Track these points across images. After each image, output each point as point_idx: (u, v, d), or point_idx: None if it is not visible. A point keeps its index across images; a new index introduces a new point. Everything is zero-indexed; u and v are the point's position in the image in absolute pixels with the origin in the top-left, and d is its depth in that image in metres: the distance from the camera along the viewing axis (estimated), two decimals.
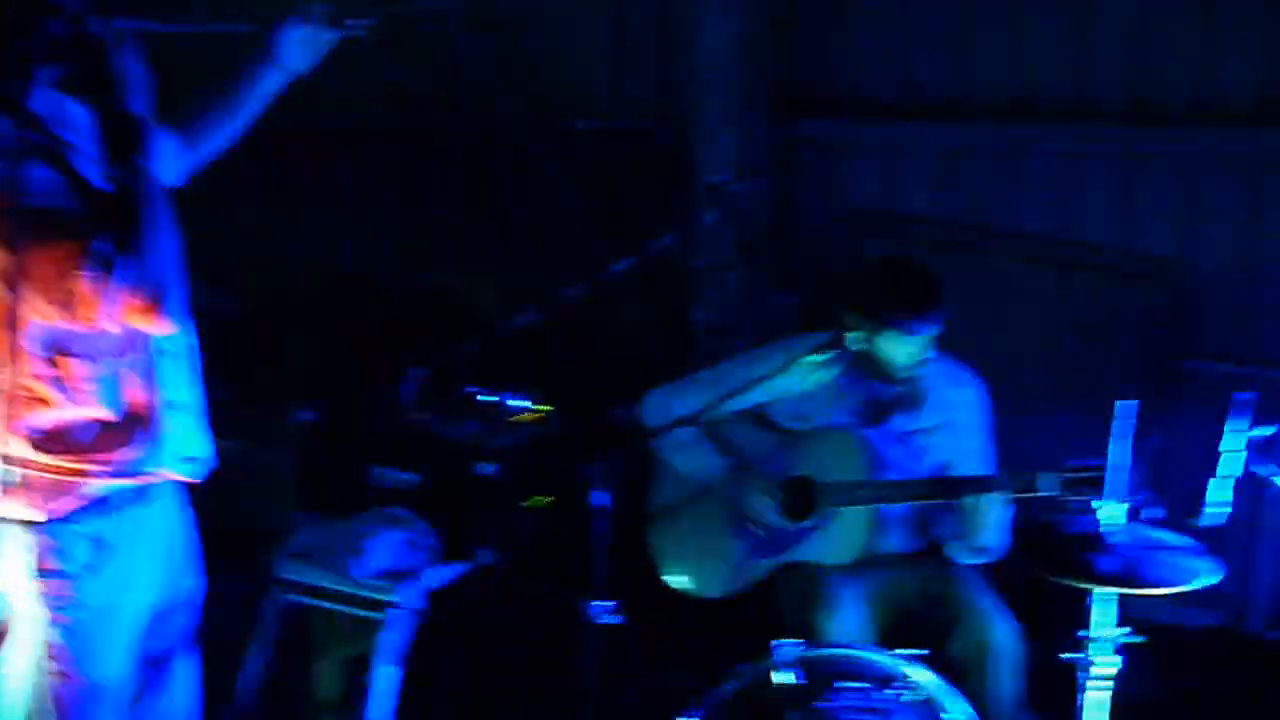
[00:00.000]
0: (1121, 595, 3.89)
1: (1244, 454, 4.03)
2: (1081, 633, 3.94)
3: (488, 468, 5.22)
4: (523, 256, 6.96)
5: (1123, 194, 5.92)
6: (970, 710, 4.05)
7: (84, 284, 3.14)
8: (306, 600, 5.08)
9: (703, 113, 6.52)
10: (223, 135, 3.86)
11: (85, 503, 3.40)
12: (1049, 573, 3.81)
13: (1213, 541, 4.02)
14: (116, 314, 3.20)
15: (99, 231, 3.13)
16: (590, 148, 6.97)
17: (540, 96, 7.11)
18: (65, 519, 3.38)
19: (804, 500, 4.74)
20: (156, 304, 3.21)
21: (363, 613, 4.98)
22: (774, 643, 4.07)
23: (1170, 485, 4.13)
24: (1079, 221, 6.03)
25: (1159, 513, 4.01)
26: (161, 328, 3.31)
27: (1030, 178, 6.12)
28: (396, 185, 7.31)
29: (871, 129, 6.51)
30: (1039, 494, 4.32)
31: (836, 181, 6.62)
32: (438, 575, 5.09)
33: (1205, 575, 3.80)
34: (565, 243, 6.85)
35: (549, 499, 4.49)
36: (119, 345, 3.35)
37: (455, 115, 7.17)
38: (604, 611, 4.20)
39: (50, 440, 3.34)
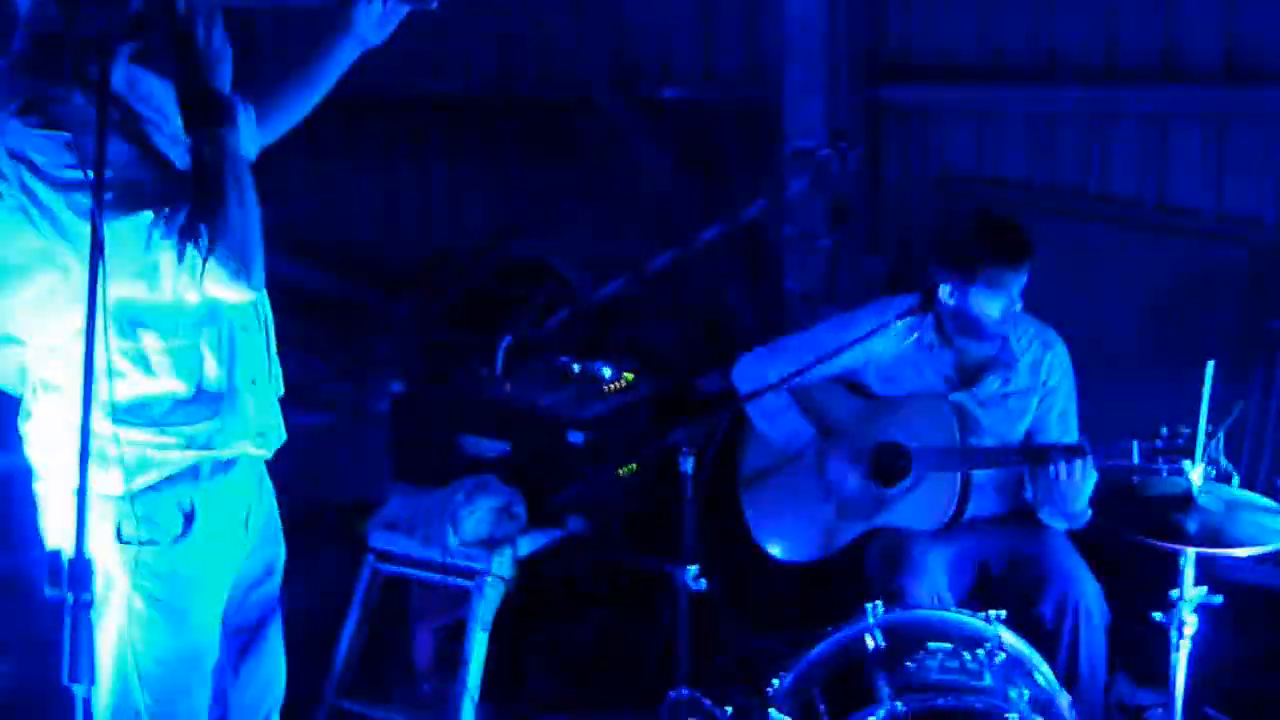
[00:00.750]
0: (1208, 556, 3.87)
1: None
2: (1171, 593, 3.92)
3: (577, 436, 5.22)
4: (612, 225, 6.98)
5: (1211, 155, 5.84)
6: (1057, 672, 4.07)
7: (165, 257, 3.18)
8: (401, 570, 5.12)
9: (790, 79, 6.49)
10: (299, 108, 3.85)
11: (166, 475, 3.42)
12: (1136, 535, 3.79)
13: None
14: (197, 287, 3.23)
15: (179, 204, 3.16)
16: (679, 116, 6.98)
17: (628, 65, 7.12)
18: (151, 489, 3.41)
19: (894, 465, 4.74)
20: (237, 276, 3.23)
21: (456, 581, 5.01)
22: (864, 605, 4.08)
23: (1256, 448, 4.10)
24: (1168, 184, 5.95)
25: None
26: (240, 299, 3.34)
27: (1119, 140, 6.05)
28: (486, 155, 7.34)
29: (959, 93, 6.46)
30: (1127, 460, 4.28)
31: (925, 147, 6.58)
32: (529, 543, 5.12)
33: None
34: (655, 211, 6.87)
35: (636, 467, 4.50)
36: (197, 319, 3.37)
37: (544, 85, 7.20)
38: (693, 577, 4.23)
39: (129, 413, 3.36)
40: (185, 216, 3.16)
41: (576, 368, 5.67)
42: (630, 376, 5.61)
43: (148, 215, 3.15)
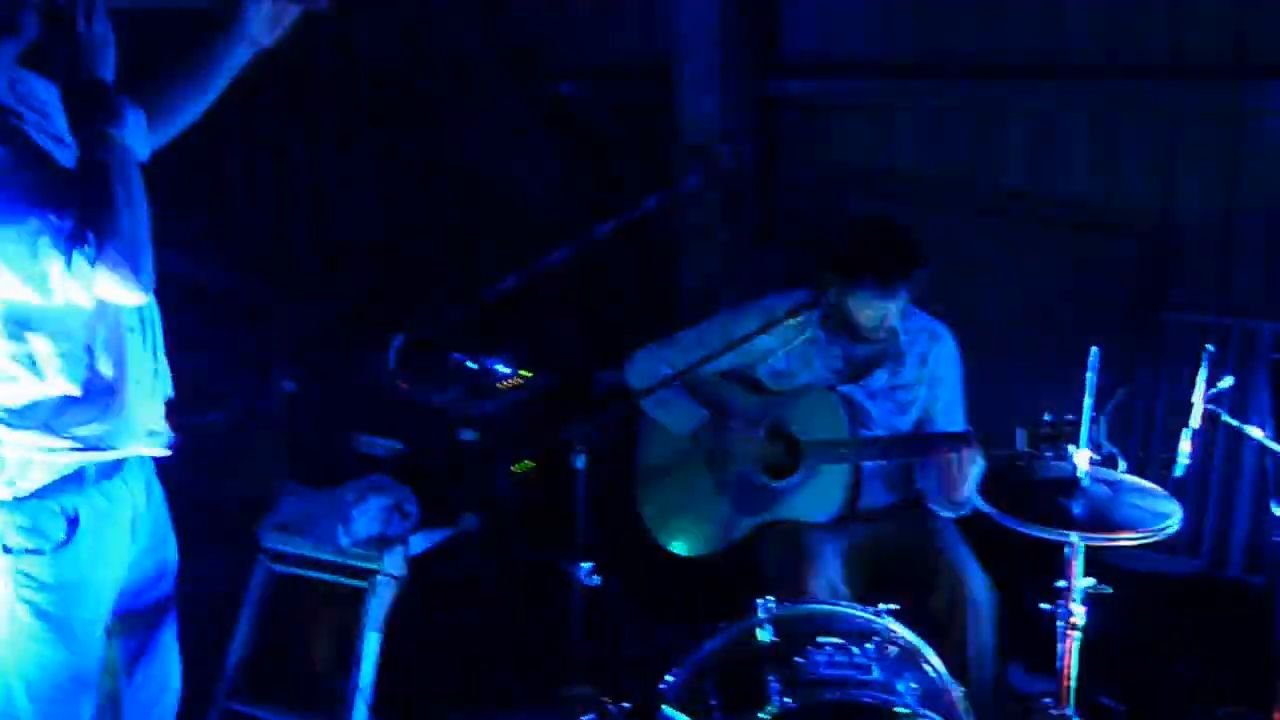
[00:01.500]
0: (1102, 545, 3.91)
1: (1212, 405, 4.06)
2: (1058, 583, 3.97)
3: (471, 434, 5.24)
4: (507, 220, 6.97)
5: (1100, 149, 5.91)
6: (948, 663, 4.10)
7: (53, 263, 3.14)
8: (293, 570, 5.10)
9: (685, 74, 6.52)
10: (191, 110, 3.82)
11: (55, 479, 3.40)
12: (1023, 523, 3.83)
13: (1188, 489, 4.04)
14: (86, 288, 3.20)
15: (66, 208, 3.13)
16: (575, 111, 6.98)
17: (525, 61, 7.12)
18: (35, 495, 3.39)
19: (786, 458, 4.76)
20: (128, 279, 3.19)
21: (349, 581, 5.00)
22: (755, 600, 4.10)
23: (1145, 435, 4.16)
24: (1058, 177, 6.02)
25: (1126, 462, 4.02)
26: (131, 302, 3.31)
27: (1009, 134, 6.12)
28: (379, 151, 7.32)
29: (852, 88, 6.51)
30: (1014, 448, 4.32)
31: (819, 141, 6.63)
32: (422, 541, 5.12)
33: (1174, 520, 3.82)
34: (550, 206, 6.86)
35: (532, 463, 4.50)
36: (87, 321, 3.35)
37: (439, 80, 7.17)
38: (587, 573, 4.24)
39: (19, 416, 3.35)
40: (73, 220, 3.12)
41: (471, 365, 5.66)
42: (525, 373, 5.61)
43: (34, 220, 3.12)
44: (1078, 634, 4.01)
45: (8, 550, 3.40)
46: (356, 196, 7.33)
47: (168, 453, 3.69)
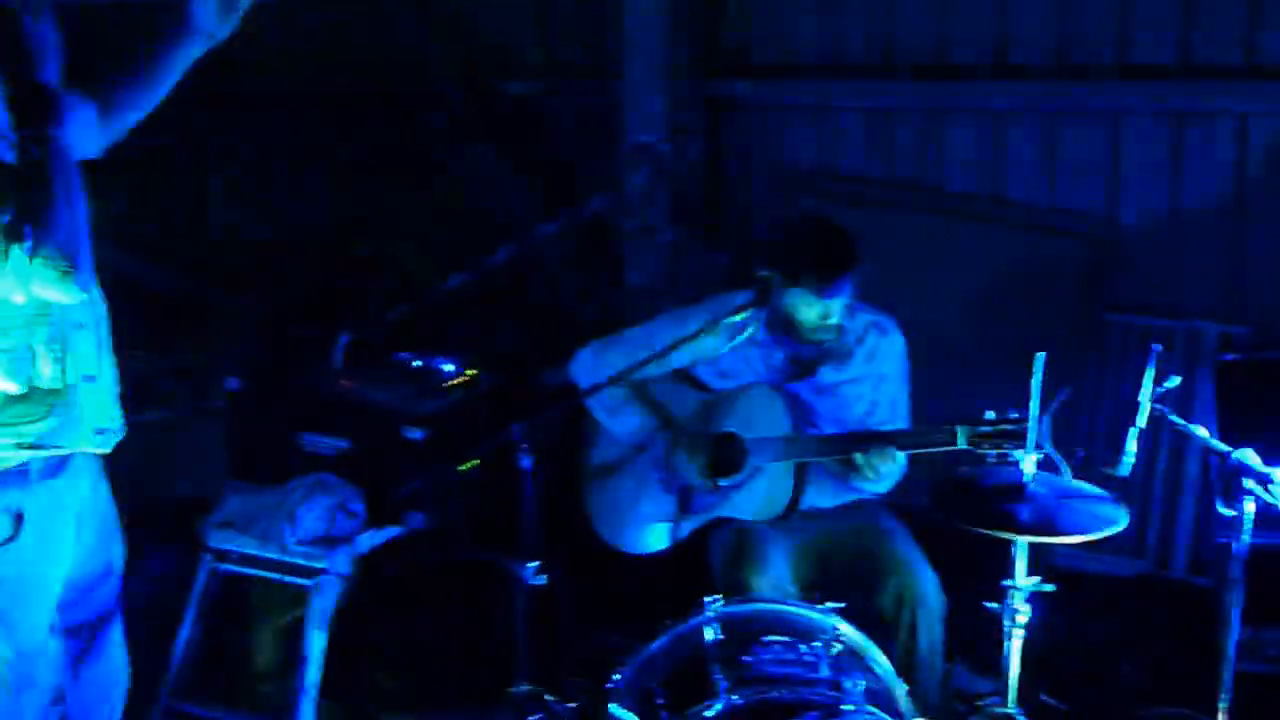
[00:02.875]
0: (1046, 545, 3.94)
1: (1158, 405, 4.09)
2: (1003, 582, 3.99)
3: (416, 432, 5.22)
4: (452, 220, 6.97)
5: (1045, 151, 5.98)
6: (894, 662, 4.12)
7: None
8: (238, 568, 5.09)
9: (631, 74, 6.54)
10: (142, 104, 3.79)
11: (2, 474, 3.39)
12: (969, 524, 3.85)
13: (1132, 490, 4.08)
14: (25, 286, 3.19)
15: (6, 203, 3.12)
16: (521, 111, 6.99)
17: (470, 60, 7.12)
18: None
19: (730, 457, 4.77)
20: (65, 277, 3.20)
21: (294, 579, 5.00)
22: (702, 599, 4.10)
23: (1089, 435, 4.19)
24: (1002, 178, 6.08)
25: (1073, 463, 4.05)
26: (68, 299, 3.30)
27: (953, 135, 6.17)
28: (324, 151, 7.30)
29: (798, 88, 6.54)
30: (956, 446, 4.35)
31: (765, 142, 6.68)
32: (368, 540, 5.11)
33: (1119, 522, 3.85)
34: (496, 206, 6.87)
35: (478, 462, 4.50)
36: (28, 318, 3.34)
37: (384, 80, 7.17)
38: (532, 571, 4.22)
39: None
40: (10, 217, 3.13)
41: (416, 364, 5.67)
42: (471, 372, 5.61)
43: None
44: (1022, 633, 4.05)
45: None
46: (303, 196, 7.32)
47: (107, 451, 3.69)
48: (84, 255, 3.28)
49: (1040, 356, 3.84)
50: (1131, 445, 4.04)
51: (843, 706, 3.70)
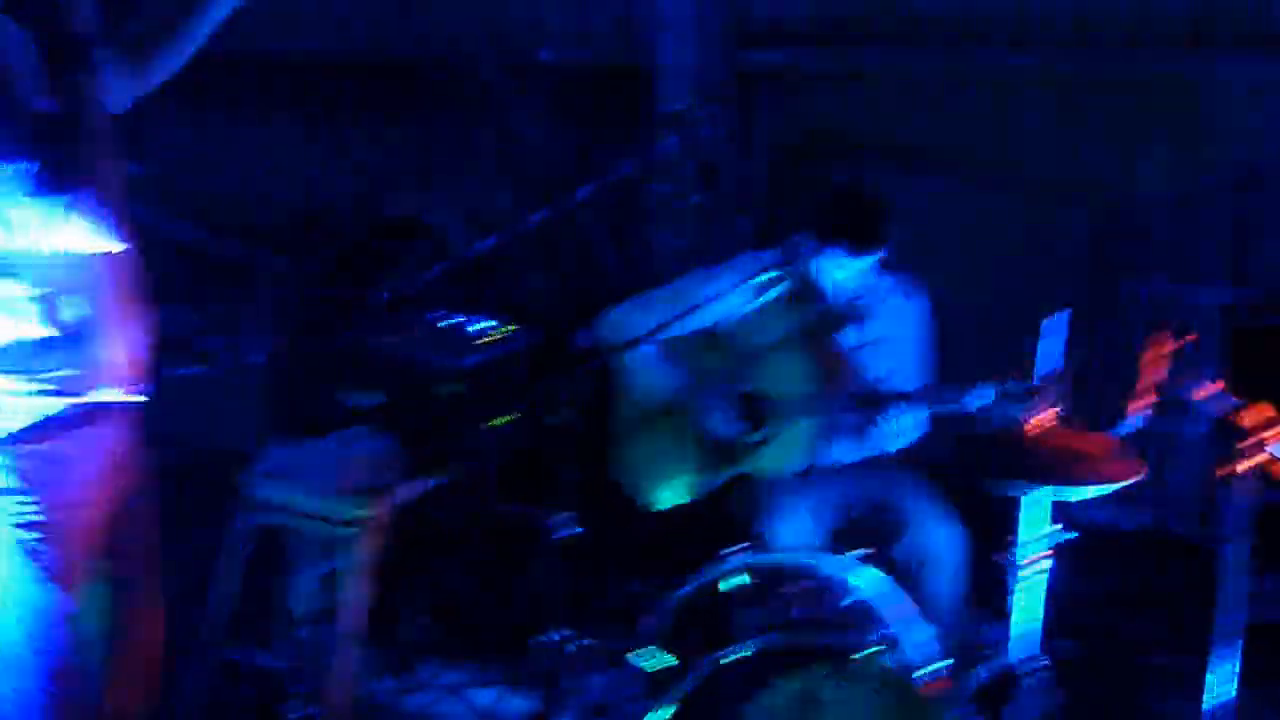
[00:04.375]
0: (1060, 499, 4.04)
1: (1167, 368, 4.17)
2: (1012, 535, 4.11)
3: (452, 388, 5.29)
4: (488, 183, 7.04)
5: (1064, 119, 6.02)
6: (914, 609, 4.24)
7: (27, 207, 3.23)
8: (278, 519, 5.12)
9: (662, 42, 6.61)
10: (170, 60, 3.90)
11: (36, 422, 3.50)
12: (985, 477, 3.96)
13: (1141, 447, 4.16)
14: (58, 236, 3.29)
15: (40, 156, 3.22)
16: (553, 77, 7.04)
17: (503, 28, 7.17)
18: (19, 437, 3.49)
19: (756, 413, 4.88)
20: (95, 225, 3.30)
21: (334, 529, 5.03)
22: (728, 549, 4.24)
23: (1099, 397, 4.26)
24: (1020, 145, 6.13)
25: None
26: (100, 249, 3.40)
27: (975, 101, 6.22)
28: (364, 114, 7.36)
29: (824, 55, 6.60)
30: (977, 405, 4.45)
31: (792, 109, 6.71)
32: (405, 492, 5.16)
33: (1136, 474, 3.95)
34: (530, 170, 6.93)
35: (511, 417, 4.58)
36: (61, 267, 3.43)
37: (421, 46, 7.23)
38: (564, 523, 4.34)
39: None
40: (45, 168, 3.23)
41: (452, 322, 5.74)
42: (505, 330, 5.69)
43: (7, 165, 3.22)
44: (1033, 582, 4.15)
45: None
46: (341, 158, 7.38)
47: (141, 399, 3.77)
48: (116, 206, 3.37)
49: (1063, 315, 3.94)
50: (1136, 405, 4.14)
51: (863, 652, 3.83)
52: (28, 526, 3.52)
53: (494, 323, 5.70)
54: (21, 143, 3.22)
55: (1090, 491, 3.97)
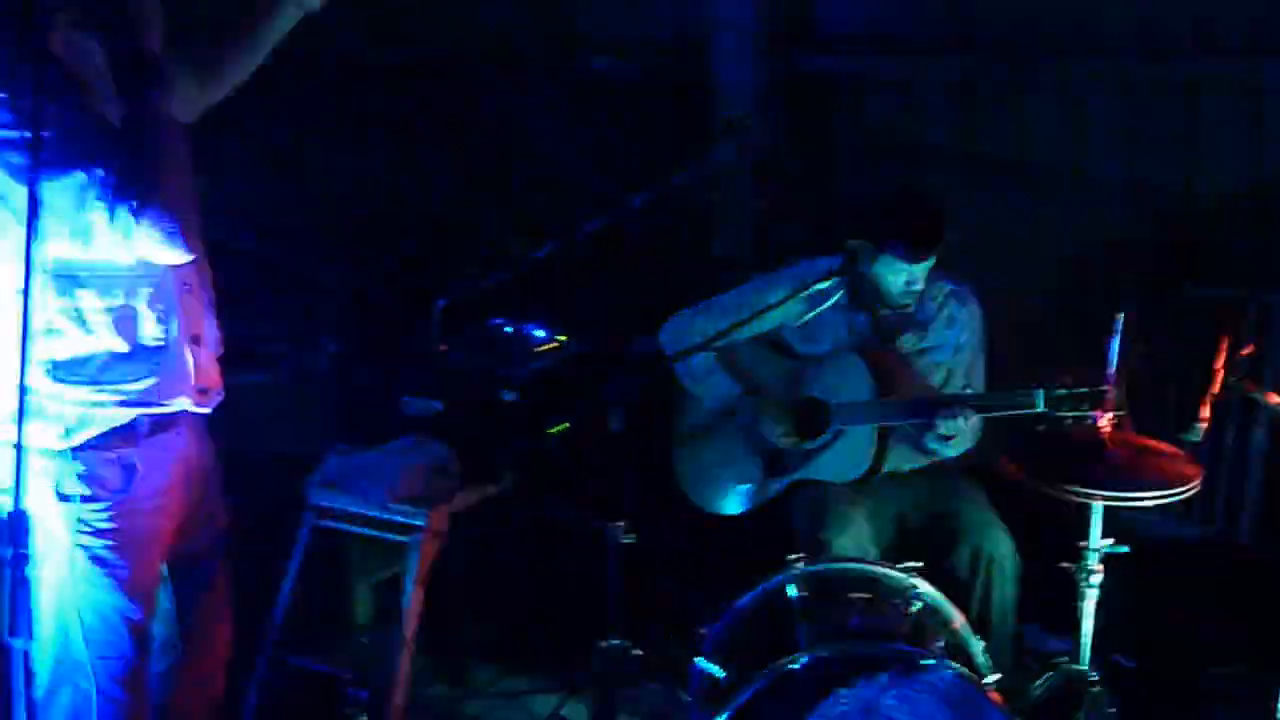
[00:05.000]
0: (1118, 507, 4.02)
1: (1232, 374, 4.15)
2: (1079, 543, 4.09)
3: (510, 395, 5.31)
4: (544, 190, 7.06)
5: (1126, 125, 5.99)
6: (969, 620, 4.22)
7: (97, 217, 3.25)
8: (338, 525, 5.18)
9: (719, 49, 6.62)
10: (237, 72, 3.88)
11: (105, 431, 3.51)
12: (1046, 484, 3.94)
13: (1201, 455, 4.14)
14: (130, 246, 3.31)
15: (113, 165, 3.23)
16: (610, 85, 7.06)
17: (560, 35, 7.20)
18: (91, 445, 3.50)
19: (814, 420, 4.88)
20: (169, 238, 3.31)
21: (392, 536, 5.08)
22: (787, 558, 4.24)
23: (1164, 404, 4.25)
24: (1083, 151, 6.10)
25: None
26: (172, 260, 3.42)
27: (1035, 109, 6.20)
28: (422, 123, 7.39)
29: (883, 63, 6.58)
30: (1036, 410, 4.43)
31: (850, 115, 6.70)
32: (464, 499, 5.20)
33: (1194, 484, 3.93)
34: (585, 178, 6.95)
35: (569, 425, 4.59)
36: (132, 278, 3.46)
37: (476, 53, 7.26)
38: (622, 531, 4.36)
39: (68, 371, 3.45)
40: (117, 177, 3.22)
41: (509, 329, 5.77)
42: (562, 338, 5.70)
43: (80, 175, 3.21)
44: (1095, 593, 4.14)
45: (66, 498, 3.50)
46: (399, 165, 7.41)
47: (209, 409, 3.80)
48: (188, 217, 3.37)
49: (1120, 317, 3.92)
50: (1204, 412, 4.11)
51: (922, 662, 3.80)
52: (96, 533, 3.54)
53: (551, 331, 5.72)
54: (93, 154, 3.23)
55: (1152, 499, 3.94)
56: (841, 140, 6.70)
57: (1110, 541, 4.09)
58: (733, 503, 5.03)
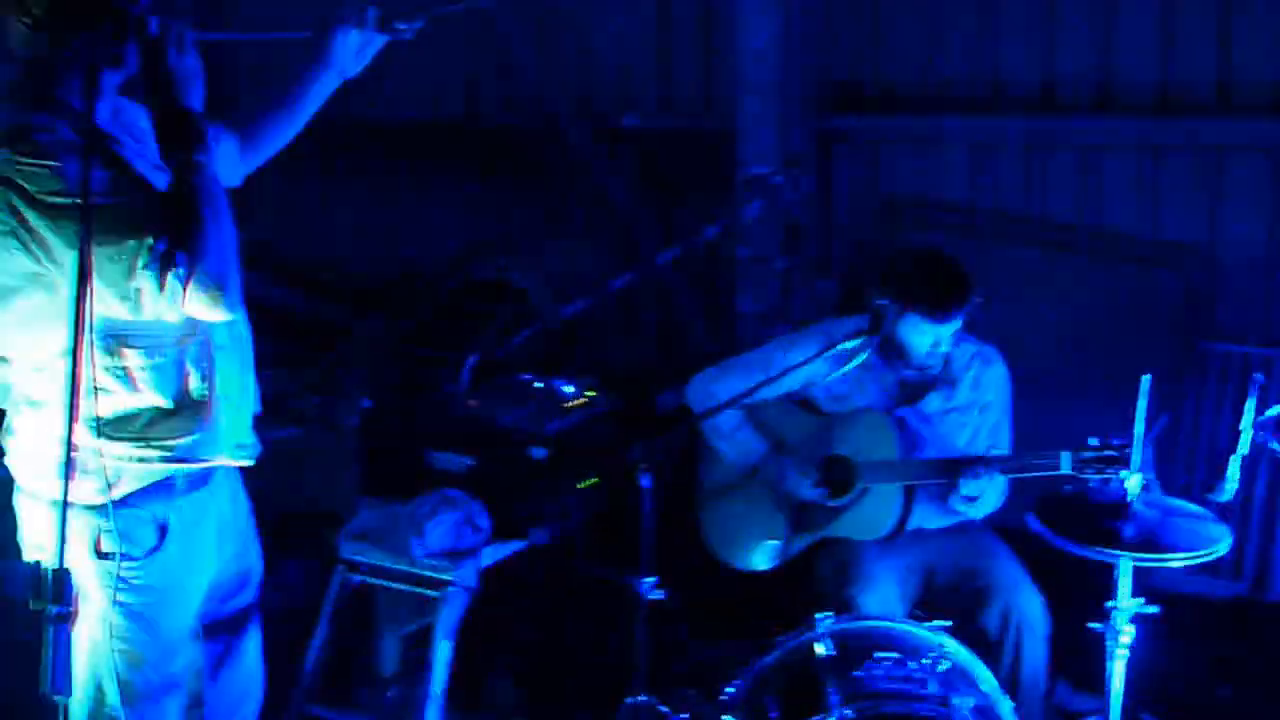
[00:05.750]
0: (1146, 566, 4.02)
1: (1260, 433, 4.16)
2: (1108, 603, 4.09)
3: (539, 451, 5.33)
4: (574, 247, 7.11)
5: (1146, 183, 6.04)
6: (1000, 680, 4.23)
7: (146, 280, 3.27)
8: (369, 579, 5.20)
9: (745, 108, 6.67)
10: (280, 137, 3.98)
11: (142, 487, 3.53)
12: (1074, 544, 3.95)
13: (1231, 513, 4.14)
14: (176, 307, 3.33)
15: (160, 228, 3.26)
16: (638, 143, 7.12)
17: (590, 95, 7.26)
18: (126, 503, 3.52)
19: (841, 478, 4.90)
20: (215, 299, 3.32)
21: (422, 590, 5.08)
22: (814, 615, 4.24)
23: (1189, 462, 4.26)
24: (1104, 210, 6.15)
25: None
26: (218, 320, 3.44)
27: (1057, 168, 6.24)
28: (453, 179, 7.45)
29: (906, 122, 6.64)
30: (1058, 472, 4.44)
31: (874, 173, 6.76)
32: (492, 554, 5.21)
33: (1223, 544, 3.93)
34: (615, 234, 7.00)
35: (596, 480, 4.62)
36: (177, 337, 3.49)
37: (509, 113, 7.33)
38: (649, 587, 4.35)
39: (111, 427, 3.47)
40: (166, 244, 3.24)
41: (539, 385, 5.77)
42: (591, 393, 5.73)
43: (131, 240, 3.24)
44: (1125, 653, 4.13)
45: (102, 555, 3.50)
46: (429, 222, 7.47)
47: (251, 463, 3.82)
48: (233, 278, 3.38)
49: (1146, 379, 3.93)
50: (1234, 472, 4.12)
51: None
52: (132, 589, 3.56)
53: (580, 386, 5.75)
54: (143, 222, 3.28)
55: (1180, 561, 3.94)
56: (867, 197, 6.74)
57: (1140, 601, 4.08)
58: (759, 559, 5.04)
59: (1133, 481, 4.03)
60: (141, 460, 3.52)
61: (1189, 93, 5.90)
